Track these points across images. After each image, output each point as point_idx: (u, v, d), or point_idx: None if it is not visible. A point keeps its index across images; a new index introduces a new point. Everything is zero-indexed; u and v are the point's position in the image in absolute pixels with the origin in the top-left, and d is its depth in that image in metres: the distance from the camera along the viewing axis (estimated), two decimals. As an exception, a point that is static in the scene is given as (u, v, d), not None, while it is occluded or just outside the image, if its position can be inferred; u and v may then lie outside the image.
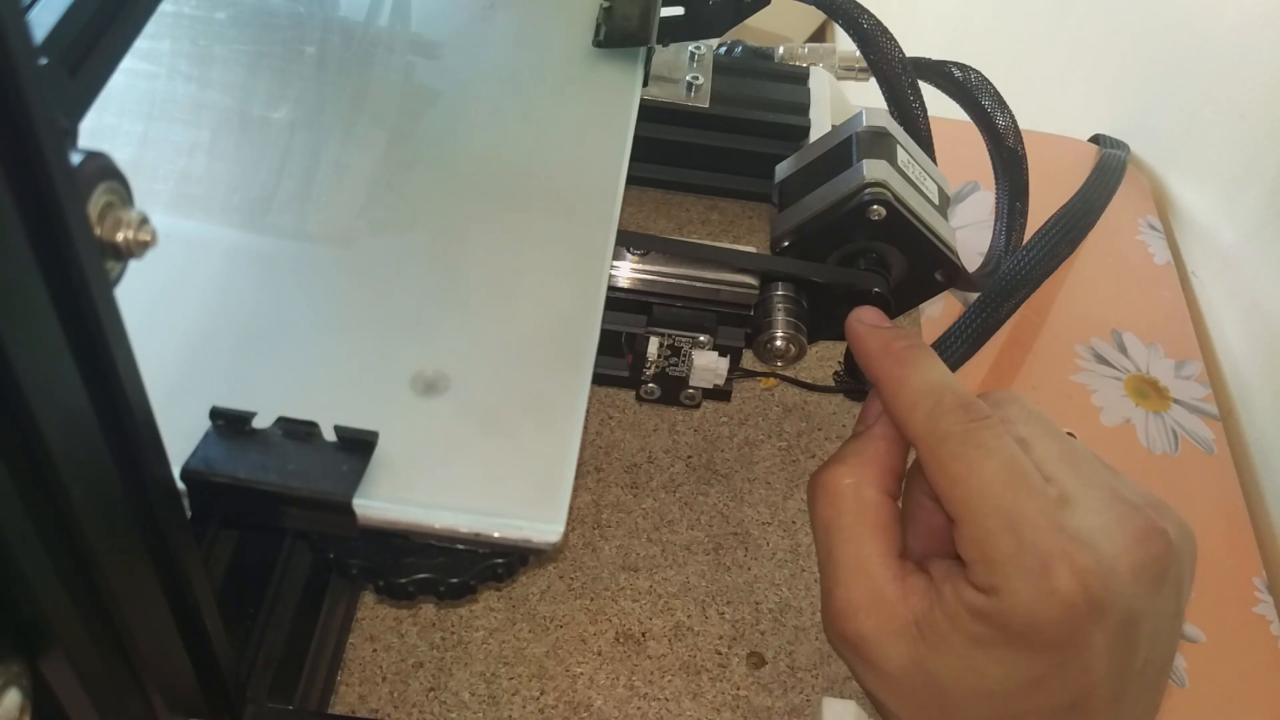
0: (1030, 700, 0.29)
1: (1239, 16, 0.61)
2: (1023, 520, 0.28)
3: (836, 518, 0.32)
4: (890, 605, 0.30)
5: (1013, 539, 0.28)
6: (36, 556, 0.19)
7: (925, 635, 0.29)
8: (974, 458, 0.29)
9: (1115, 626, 0.28)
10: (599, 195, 0.35)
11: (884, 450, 0.33)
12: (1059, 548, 0.28)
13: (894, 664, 0.30)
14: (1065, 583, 0.27)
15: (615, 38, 0.40)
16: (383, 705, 0.39)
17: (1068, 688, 0.28)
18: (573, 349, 0.30)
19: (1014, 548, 0.28)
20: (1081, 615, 0.27)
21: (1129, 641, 0.28)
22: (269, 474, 0.25)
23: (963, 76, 0.50)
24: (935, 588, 0.30)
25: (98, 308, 0.18)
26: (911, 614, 0.30)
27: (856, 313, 0.36)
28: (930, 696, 0.30)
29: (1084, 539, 0.28)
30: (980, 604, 0.28)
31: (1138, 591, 0.28)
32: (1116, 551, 0.28)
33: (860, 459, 0.33)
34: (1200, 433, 0.52)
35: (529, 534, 0.26)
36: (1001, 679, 0.29)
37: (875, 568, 0.31)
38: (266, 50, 0.37)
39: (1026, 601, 0.28)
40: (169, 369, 0.28)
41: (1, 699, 0.20)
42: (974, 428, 0.30)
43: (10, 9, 0.15)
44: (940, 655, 0.29)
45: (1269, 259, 0.56)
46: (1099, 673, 0.28)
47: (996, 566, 0.28)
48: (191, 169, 0.33)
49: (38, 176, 0.16)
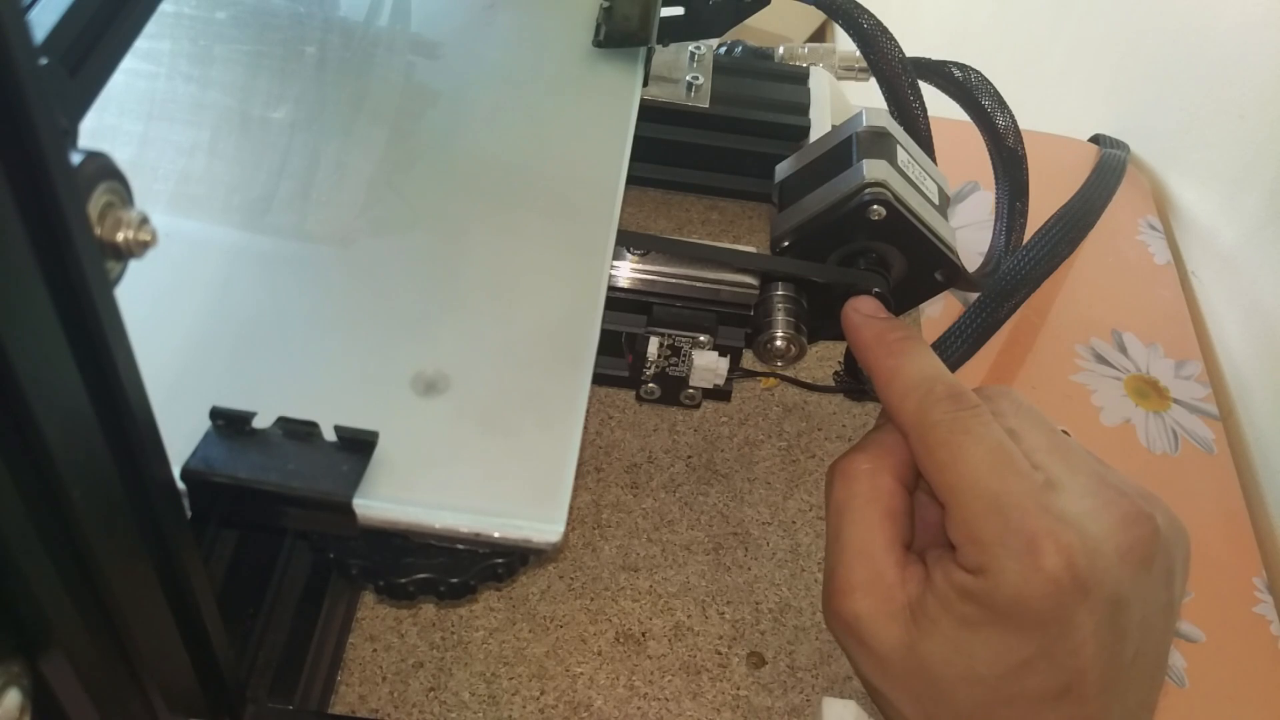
0: (1019, 684, 0.29)
1: (1238, 17, 0.61)
2: (1009, 502, 0.29)
3: (849, 499, 0.32)
4: (888, 588, 0.31)
5: (999, 520, 0.29)
6: (36, 556, 0.19)
7: (917, 619, 0.30)
8: (962, 443, 0.30)
9: (1102, 608, 0.28)
10: (599, 195, 0.35)
11: (903, 441, 0.33)
12: (1045, 527, 0.28)
13: (886, 646, 0.30)
14: (1051, 560, 0.28)
15: (615, 38, 0.40)
16: (383, 705, 0.39)
17: (1057, 671, 0.28)
18: (573, 349, 0.30)
19: (1000, 528, 0.29)
20: (1067, 593, 0.28)
21: (1116, 625, 0.29)
22: (269, 474, 0.25)
23: (963, 76, 0.50)
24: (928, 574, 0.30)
25: (98, 308, 0.18)
26: (906, 598, 0.30)
27: (853, 302, 0.37)
28: (921, 681, 0.30)
29: (1070, 520, 0.28)
30: (968, 584, 0.29)
31: (1124, 574, 0.28)
32: (1103, 533, 0.29)
33: (880, 448, 0.33)
34: (1200, 433, 0.52)
35: (529, 534, 0.26)
36: (990, 661, 0.29)
37: (879, 551, 0.31)
38: (267, 50, 0.37)
39: (1013, 580, 0.28)
40: (169, 369, 0.28)
41: (1, 699, 0.20)
42: (963, 415, 0.31)
43: (10, 9, 0.15)
44: (930, 638, 0.30)
45: (1269, 259, 0.56)
46: (1087, 656, 0.28)
47: (983, 547, 0.29)
48: (191, 169, 0.33)
49: (38, 176, 0.16)
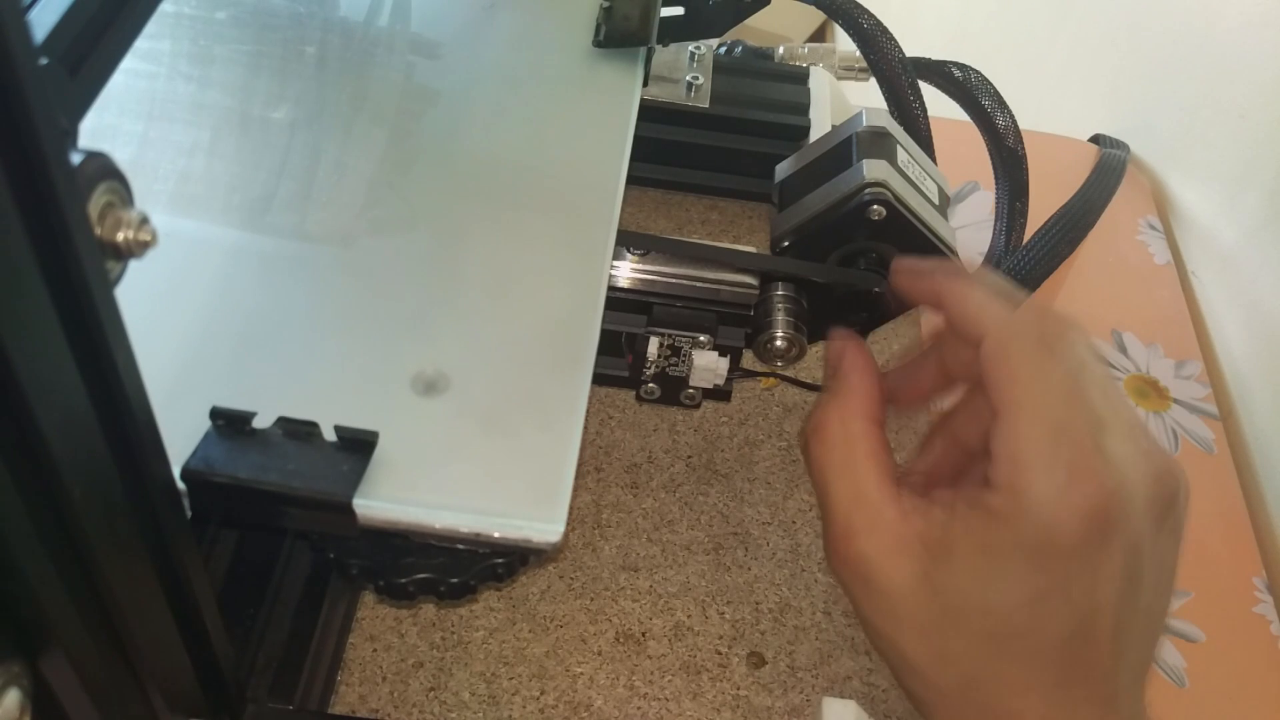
0: (1032, 619, 0.29)
1: (1238, 17, 0.61)
2: (1067, 431, 0.29)
3: (827, 454, 0.32)
4: (890, 525, 0.31)
5: (1051, 447, 0.29)
6: (36, 556, 0.19)
7: (930, 547, 0.30)
8: (1043, 360, 0.30)
9: (1123, 554, 0.28)
10: (599, 195, 0.35)
11: (858, 381, 0.33)
12: (1091, 464, 0.28)
13: (896, 582, 0.30)
14: (1088, 496, 0.28)
15: (615, 38, 0.40)
16: (383, 705, 0.39)
17: (1072, 611, 0.28)
18: (573, 349, 0.30)
19: (1050, 453, 0.28)
20: (1095, 532, 0.28)
21: (1133, 574, 0.29)
22: (269, 474, 0.25)
23: (963, 76, 0.50)
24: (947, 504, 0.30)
25: (98, 308, 0.18)
26: (913, 530, 0.30)
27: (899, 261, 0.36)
28: (932, 614, 0.30)
29: (1113, 462, 0.28)
30: (996, 504, 0.29)
31: (1146, 526, 0.29)
32: (1137, 480, 0.29)
33: (842, 396, 0.33)
34: (1200, 433, 0.52)
35: (529, 534, 0.26)
36: (1007, 590, 0.29)
37: (872, 493, 0.31)
38: (267, 50, 0.37)
39: (1045, 505, 0.28)
40: (169, 369, 0.28)
41: (1, 699, 0.20)
42: (1050, 334, 0.30)
43: (10, 9, 0.15)
44: (945, 566, 0.29)
45: (1269, 259, 0.56)
46: (1103, 598, 0.28)
47: (1025, 466, 0.29)
48: (192, 169, 0.33)
49: (38, 176, 0.16)
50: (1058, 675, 0.29)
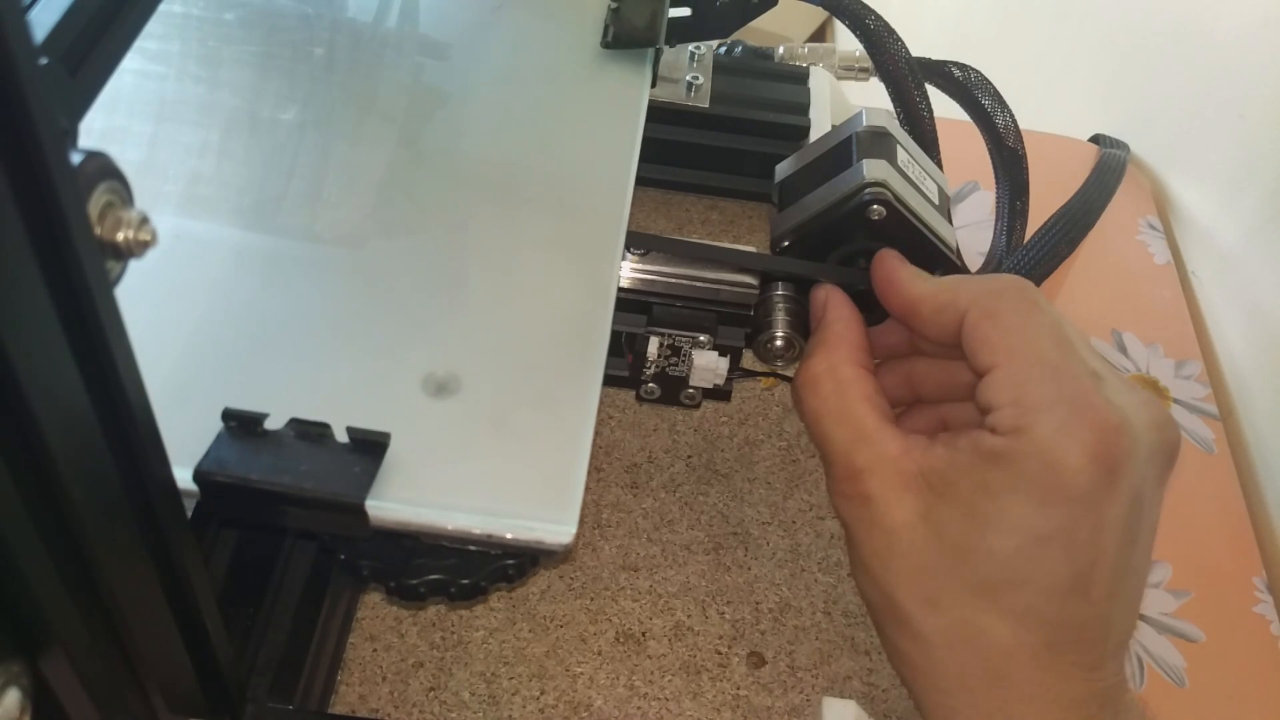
0: (1030, 566, 0.28)
1: (1238, 18, 0.61)
2: (1066, 373, 0.29)
3: (822, 403, 0.33)
4: (893, 462, 0.31)
5: (1054, 386, 0.29)
6: (36, 556, 0.19)
7: (932, 483, 0.30)
8: (1030, 311, 0.31)
9: (1126, 501, 0.28)
10: (608, 196, 0.35)
11: (844, 329, 0.34)
12: (1093, 401, 0.28)
13: (899, 518, 0.30)
14: (1093, 434, 0.28)
15: (623, 39, 0.40)
16: (383, 705, 0.39)
17: (1071, 557, 0.28)
18: (583, 349, 0.30)
19: (1053, 394, 0.29)
20: (1100, 474, 0.28)
21: (1133, 524, 0.28)
22: (282, 475, 0.25)
23: (963, 76, 0.50)
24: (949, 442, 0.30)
25: (98, 308, 0.18)
26: (915, 465, 0.30)
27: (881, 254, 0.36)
28: (927, 558, 0.29)
29: (1117, 404, 0.28)
30: (1000, 446, 0.29)
31: (1148, 474, 0.29)
32: (1141, 425, 0.29)
33: (828, 345, 0.34)
34: (1200, 433, 0.52)
35: (541, 535, 0.26)
36: (1007, 532, 0.28)
37: (872, 433, 0.31)
38: (275, 51, 0.37)
39: (1051, 441, 0.28)
40: (181, 370, 0.28)
41: (1, 699, 0.20)
42: (1031, 292, 0.32)
43: (10, 9, 0.15)
44: (947, 502, 0.29)
45: (1269, 259, 0.56)
46: (1103, 546, 0.28)
47: (1028, 409, 0.29)
48: (201, 170, 0.33)
49: (38, 176, 0.16)
50: (1049, 635, 0.28)
